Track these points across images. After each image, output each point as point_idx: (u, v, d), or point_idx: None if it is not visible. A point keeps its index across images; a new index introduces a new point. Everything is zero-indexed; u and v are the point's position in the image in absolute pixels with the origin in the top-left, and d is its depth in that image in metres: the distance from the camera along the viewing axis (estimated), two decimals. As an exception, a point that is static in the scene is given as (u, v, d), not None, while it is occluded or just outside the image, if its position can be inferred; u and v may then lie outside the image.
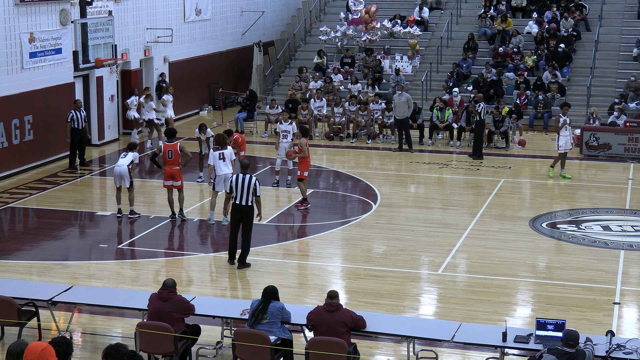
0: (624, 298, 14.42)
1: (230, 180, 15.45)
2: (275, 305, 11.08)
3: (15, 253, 16.43)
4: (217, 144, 18.04)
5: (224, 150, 17.86)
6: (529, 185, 22.08)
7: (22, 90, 22.27)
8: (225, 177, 17.69)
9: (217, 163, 17.80)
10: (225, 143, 17.98)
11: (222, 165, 17.81)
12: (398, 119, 25.27)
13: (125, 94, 26.90)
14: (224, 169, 17.82)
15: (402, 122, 25.22)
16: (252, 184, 15.20)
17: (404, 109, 25.16)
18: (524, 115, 27.92)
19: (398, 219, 18.72)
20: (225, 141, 18.02)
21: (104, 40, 22.58)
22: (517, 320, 13.35)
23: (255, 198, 15.28)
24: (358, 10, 31.29)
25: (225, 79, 32.55)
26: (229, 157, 17.89)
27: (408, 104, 25.27)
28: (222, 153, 17.83)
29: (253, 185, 15.21)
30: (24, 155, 22.37)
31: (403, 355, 11.79)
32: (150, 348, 11.09)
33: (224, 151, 17.85)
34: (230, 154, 17.94)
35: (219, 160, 17.80)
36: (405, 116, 25.15)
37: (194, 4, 30.49)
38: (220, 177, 17.85)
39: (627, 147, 24.41)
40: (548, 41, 30.80)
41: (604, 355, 10.33)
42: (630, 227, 18.24)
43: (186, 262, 16.15)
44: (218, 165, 17.81)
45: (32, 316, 12.02)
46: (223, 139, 18.05)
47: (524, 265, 15.91)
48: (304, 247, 16.98)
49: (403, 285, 14.82)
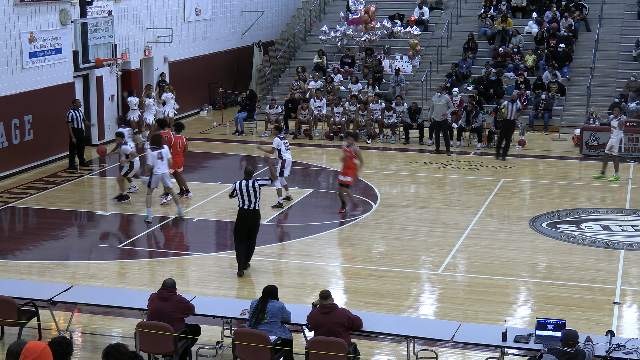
0: (624, 298, 14.42)
1: (234, 186, 15.25)
2: (275, 305, 11.08)
3: (15, 253, 16.43)
4: (153, 144, 18.43)
5: (161, 150, 18.26)
6: (529, 185, 22.08)
7: (22, 90, 22.27)
8: (162, 177, 18.33)
9: (156, 162, 18.19)
10: (161, 143, 18.40)
11: (160, 164, 18.22)
12: (437, 121, 25.13)
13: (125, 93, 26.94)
14: (162, 168, 18.26)
15: (440, 124, 25.11)
16: (257, 188, 15.14)
17: (443, 111, 25.04)
18: (524, 115, 27.95)
19: (398, 219, 18.72)
20: (161, 141, 18.45)
21: (104, 40, 22.59)
22: (517, 320, 13.35)
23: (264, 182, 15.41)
24: (358, 10, 31.29)
25: (225, 79, 32.55)
26: (166, 157, 18.31)
27: (448, 106, 25.20)
28: (160, 152, 18.23)
29: (258, 189, 15.15)
30: (24, 155, 22.37)
31: (403, 355, 11.80)
32: (150, 348, 11.09)
33: (161, 150, 18.26)
34: (167, 153, 18.36)
35: (158, 160, 18.20)
36: (444, 118, 25.10)
37: (194, 4, 30.50)
38: (158, 176, 18.27)
39: (627, 147, 24.40)
40: (548, 41, 30.81)
41: (604, 355, 10.33)
42: (630, 227, 18.23)
43: (186, 262, 16.15)
44: (156, 164, 18.19)
45: (32, 316, 12.03)
46: (159, 139, 18.49)
47: (524, 265, 15.90)
48: (304, 247, 16.97)
49: (403, 285, 14.83)
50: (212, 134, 27.70)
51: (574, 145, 25.80)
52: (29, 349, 7.83)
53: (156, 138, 18.56)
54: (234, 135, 27.51)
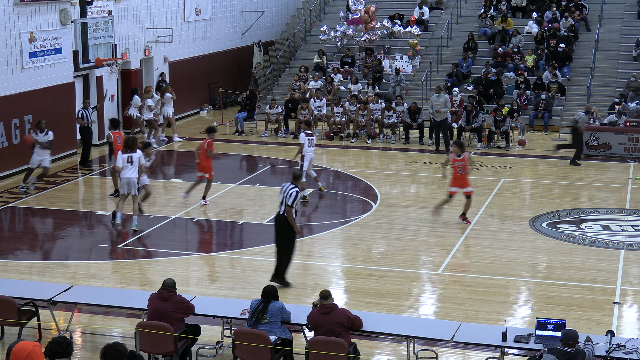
0: (624, 298, 14.42)
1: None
2: (275, 305, 11.08)
3: (15, 253, 16.43)
4: (126, 147, 17.71)
5: (132, 154, 17.48)
6: (529, 185, 22.08)
7: (22, 90, 22.27)
8: (128, 181, 17.41)
9: (125, 166, 17.41)
10: (134, 146, 17.66)
11: (128, 168, 17.42)
12: (436, 121, 25.14)
13: (125, 94, 26.92)
14: (128, 172, 17.41)
15: (440, 124, 25.11)
16: (289, 192, 14.25)
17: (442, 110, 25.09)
18: (524, 115, 27.96)
19: (398, 218, 18.72)
20: (134, 144, 17.72)
21: (104, 40, 22.60)
22: (517, 320, 13.35)
23: (286, 207, 14.26)
24: (358, 10, 31.29)
25: (225, 79, 32.55)
26: (136, 161, 17.48)
27: (446, 105, 25.20)
28: (131, 156, 17.44)
29: (289, 194, 14.23)
30: (24, 155, 22.33)
31: (403, 355, 11.79)
32: (150, 348, 11.09)
33: (132, 155, 17.47)
34: (139, 158, 17.54)
35: (127, 164, 17.41)
36: (444, 117, 25.08)
37: (194, 4, 30.49)
38: (124, 180, 17.47)
39: (627, 147, 24.42)
40: (548, 41, 30.81)
41: (604, 355, 10.33)
42: (630, 227, 18.23)
43: (186, 262, 16.15)
44: (125, 167, 17.43)
45: (32, 316, 12.03)
46: (133, 142, 17.77)
47: (524, 265, 15.90)
48: (304, 247, 16.96)
49: (403, 285, 14.82)
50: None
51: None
52: (15, 352, 7.75)
53: (130, 141, 17.76)
54: (234, 135, 27.52)
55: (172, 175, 23.01)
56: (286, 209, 14.17)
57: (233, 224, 18.24)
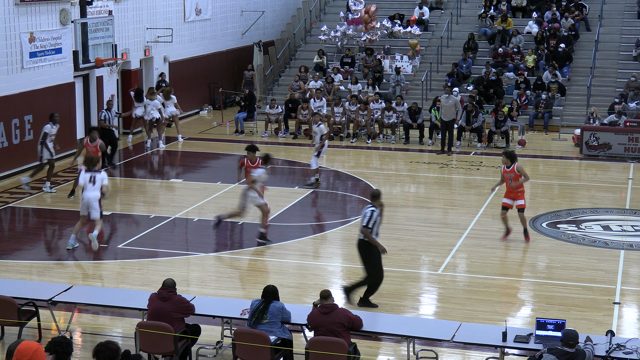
0: (624, 298, 14.42)
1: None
2: (275, 305, 11.08)
3: (15, 253, 16.42)
4: (88, 164, 16.47)
5: (96, 174, 16.08)
6: (529, 185, 22.04)
7: (22, 90, 22.27)
8: (88, 202, 15.94)
9: (87, 185, 15.99)
10: (96, 164, 16.29)
11: (89, 188, 15.96)
12: (444, 121, 25.13)
13: (125, 93, 26.91)
14: (88, 193, 15.93)
15: (447, 124, 25.12)
16: (363, 213, 13.69)
17: (451, 112, 25.04)
18: (524, 115, 27.96)
19: (398, 219, 18.71)
20: (97, 163, 16.35)
21: (104, 40, 22.59)
22: (517, 320, 13.35)
23: (362, 229, 13.65)
24: (358, 10, 31.29)
25: (225, 79, 32.55)
26: (99, 182, 15.98)
27: (456, 107, 25.20)
28: (94, 176, 16.05)
29: (363, 215, 13.66)
30: (24, 155, 22.34)
31: (403, 355, 11.79)
32: (150, 348, 11.09)
33: (95, 174, 16.07)
34: (102, 178, 16.04)
35: (89, 183, 15.98)
36: (452, 118, 25.08)
37: (194, 4, 30.49)
38: (84, 201, 15.98)
39: (627, 147, 24.42)
40: (548, 41, 30.81)
41: (604, 355, 10.33)
42: (630, 227, 18.23)
43: (186, 262, 16.15)
44: (86, 187, 15.99)
45: (32, 316, 12.03)
46: (95, 161, 16.39)
47: (524, 265, 15.90)
48: (304, 247, 16.97)
49: (403, 285, 14.82)
50: (212, 134, 27.70)
51: (574, 145, 25.80)
52: (21, 350, 7.78)
53: (92, 160, 16.41)
54: (234, 135, 27.51)
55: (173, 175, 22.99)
56: (362, 230, 13.63)
57: (233, 224, 18.24)
